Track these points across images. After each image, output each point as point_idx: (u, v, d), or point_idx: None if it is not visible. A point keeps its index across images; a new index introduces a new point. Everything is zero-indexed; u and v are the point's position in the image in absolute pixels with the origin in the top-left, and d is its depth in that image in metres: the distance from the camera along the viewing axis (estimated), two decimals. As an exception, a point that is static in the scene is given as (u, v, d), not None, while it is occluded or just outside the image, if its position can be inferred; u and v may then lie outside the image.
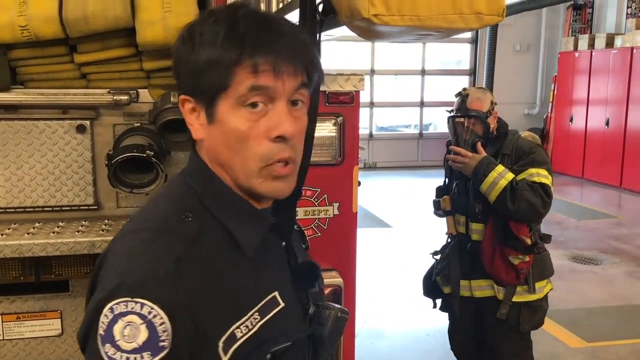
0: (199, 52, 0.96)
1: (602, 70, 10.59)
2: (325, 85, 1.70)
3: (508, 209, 2.73)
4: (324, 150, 1.71)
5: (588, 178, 10.95)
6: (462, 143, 2.91)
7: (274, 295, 1.02)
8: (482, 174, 2.78)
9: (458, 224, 3.04)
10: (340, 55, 12.66)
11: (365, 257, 6.39)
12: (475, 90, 3.00)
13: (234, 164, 0.99)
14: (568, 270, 6.05)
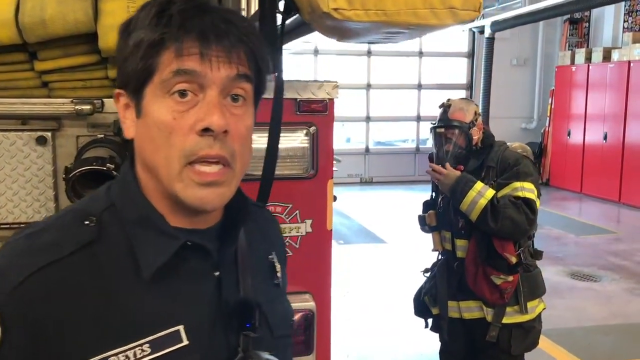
0: (130, 38, 0.86)
1: (599, 84, 10.52)
2: (297, 92, 1.59)
3: (490, 228, 2.61)
4: (294, 162, 1.59)
5: (586, 193, 10.83)
6: (443, 155, 2.79)
7: (176, 329, 0.86)
8: (460, 193, 2.66)
9: (444, 241, 2.92)
10: (336, 69, 12.61)
11: (358, 274, 6.26)
12: (459, 101, 2.89)
13: (158, 163, 0.86)
14: (566, 287, 5.91)
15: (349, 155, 12.58)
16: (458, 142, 2.78)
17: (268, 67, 0.92)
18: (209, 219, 0.92)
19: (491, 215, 2.59)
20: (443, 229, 2.90)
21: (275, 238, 1.12)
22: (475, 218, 2.64)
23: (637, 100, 9.69)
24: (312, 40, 11.80)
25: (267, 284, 1.02)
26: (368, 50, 12.20)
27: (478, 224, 2.64)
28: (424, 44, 12.56)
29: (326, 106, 1.61)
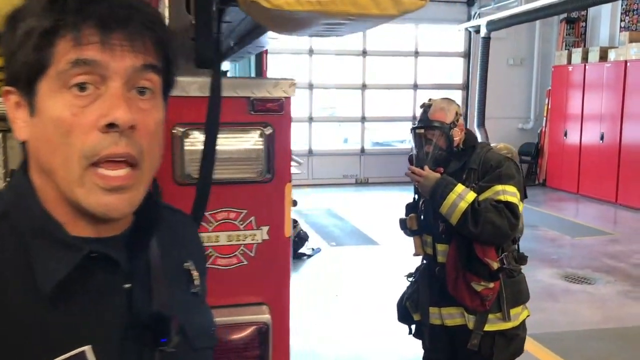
0: (18, 28, 0.77)
1: (596, 84, 10.43)
2: (250, 91, 1.49)
3: (471, 233, 2.52)
4: (248, 165, 1.49)
5: (583, 194, 10.73)
6: (423, 157, 2.69)
7: (82, 350, 0.77)
8: (440, 196, 2.56)
9: (425, 245, 2.81)
10: (332, 69, 12.52)
11: (349, 276, 6.16)
12: (440, 101, 2.78)
13: (55, 166, 0.77)
14: (560, 290, 5.81)
15: (344, 155, 12.51)
16: (438, 143, 2.68)
17: (176, 57, 0.83)
18: (116, 226, 0.83)
19: (472, 219, 2.50)
20: (424, 232, 2.80)
21: (193, 243, 1.02)
22: (455, 222, 2.54)
23: (633, 100, 9.59)
24: (307, 40, 11.72)
25: (183, 293, 0.93)
26: (363, 50, 12.12)
27: (458, 228, 2.55)
28: (419, 43, 12.47)
29: (282, 105, 1.51)
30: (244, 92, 1.46)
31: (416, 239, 2.84)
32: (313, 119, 12.32)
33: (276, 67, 11.83)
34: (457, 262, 2.61)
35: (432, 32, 12.74)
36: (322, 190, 11.38)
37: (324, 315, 5.12)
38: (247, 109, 1.47)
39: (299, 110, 12.39)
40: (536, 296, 5.61)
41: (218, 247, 1.48)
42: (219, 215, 1.47)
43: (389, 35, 12.48)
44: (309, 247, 7.02)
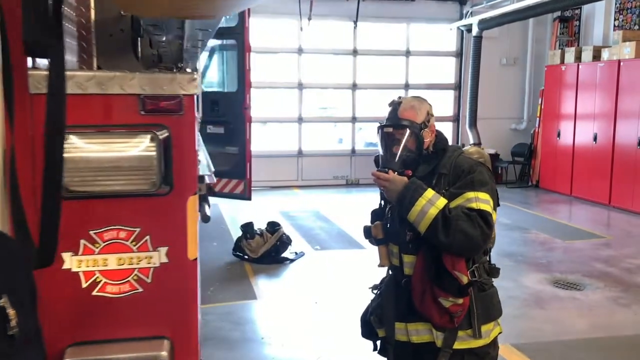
0: None
1: (589, 83, 10.22)
2: (140, 87, 1.27)
3: (441, 242, 2.31)
4: (138, 175, 1.26)
5: (576, 195, 10.53)
6: (389, 158, 2.47)
7: None
8: (409, 201, 2.35)
9: (392, 255, 2.58)
10: (321, 67, 12.30)
11: (331, 282, 5.93)
12: (411, 99, 2.57)
13: None
14: (547, 297, 5.61)
15: (334, 156, 12.29)
16: (407, 144, 2.46)
17: None
18: None
19: (442, 228, 2.29)
20: (390, 242, 2.58)
21: (9, 272, 0.81)
22: (424, 230, 2.33)
23: (627, 100, 9.39)
24: (296, 39, 11.50)
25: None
26: (354, 49, 11.90)
27: (427, 236, 2.34)
28: (411, 42, 12.25)
29: (181, 104, 1.29)
30: (132, 88, 1.24)
31: (381, 248, 2.61)
32: (303, 120, 12.09)
33: (266, 66, 11.63)
34: (425, 275, 2.41)
35: (424, 31, 12.52)
36: (311, 192, 11.17)
37: (299, 323, 4.91)
38: (137, 109, 1.25)
39: (289, 110, 12.18)
40: (523, 303, 5.44)
41: (107, 271, 1.26)
42: (106, 235, 1.24)
43: (381, 35, 12.28)
44: (292, 251, 6.81)
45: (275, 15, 11.09)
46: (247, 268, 6.38)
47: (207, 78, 8.91)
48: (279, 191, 11.32)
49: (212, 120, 7.40)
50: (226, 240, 7.28)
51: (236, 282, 5.95)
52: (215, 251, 7.01)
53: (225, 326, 4.79)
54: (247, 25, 7.09)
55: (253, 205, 9.47)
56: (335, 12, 11.49)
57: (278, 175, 11.69)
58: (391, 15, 11.86)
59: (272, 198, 10.58)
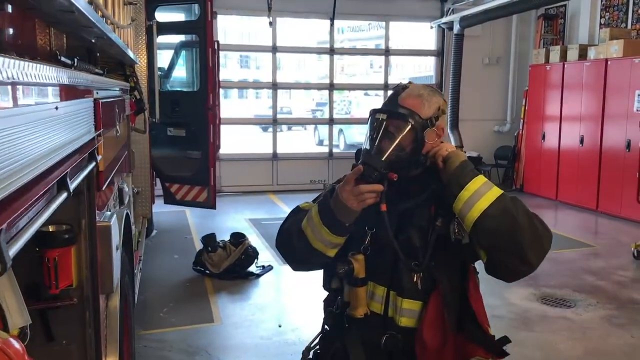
0: None
1: (575, 83, 9.80)
2: None
3: (513, 229, 1.73)
4: None
5: (562, 200, 10.10)
6: (374, 153, 1.83)
7: None
8: (463, 178, 1.79)
9: (372, 299, 1.93)
10: (297, 67, 11.81)
11: (297, 301, 5.31)
12: (421, 86, 1.96)
13: None
14: (536, 316, 5.11)
15: (311, 160, 11.77)
16: (402, 141, 1.84)
17: None
18: None
19: (514, 206, 1.77)
20: (373, 280, 1.92)
21: None
22: (482, 210, 1.74)
23: (614, 101, 8.97)
24: (270, 37, 10.95)
25: None
26: (330, 47, 11.37)
27: (485, 224, 1.73)
28: (390, 40, 11.75)
29: None
30: None
31: (361, 291, 1.90)
32: (277, 121, 11.54)
33: (238, 65, 11.09)
34: (442, 324, 1.82)
35: (404, 29, 12.04)
36: (285, 198, 10.62)
37: (258, 351, 4.35)
38: None
39: (263, 109, 11.65)
40: (509, 324, 4.92)
41: None
42: None
43: (359, 33, 11.81)
44: (258, 265, 6.25)
45: (246, 11, 10.54)
46: (208, 285, 5.80)
47: (172, 77, 8.35)
48: (251, 197, 10.75)
49: (172, 122, 6.82)
50: (189, 252, 6.69)
51: (193, 301, 5.38)
52: (175, 265, 6.43)
53: (173, 357, 4.21)
54: (210, 20, 6.53)
55: (223, 213, 8.91)
56: (312, 9, 10.98)
57: (251, 180, 11.13)
58: (369, 12, 11.37)
59: (243, 205, 10.01)
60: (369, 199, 1.80)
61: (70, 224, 2.14)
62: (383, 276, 1.91)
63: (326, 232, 1.86)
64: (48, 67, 1.39)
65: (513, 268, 1.81)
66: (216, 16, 10.39)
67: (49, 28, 2.49)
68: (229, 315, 5.05)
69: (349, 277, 1.88)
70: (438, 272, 1.86)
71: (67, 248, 2.11)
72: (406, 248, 1.85)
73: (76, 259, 2.18)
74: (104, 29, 2.20)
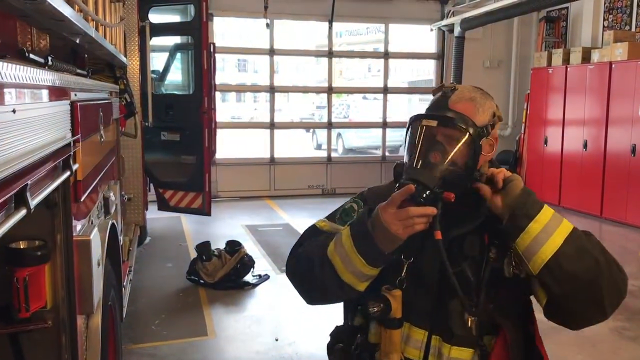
0: None
1: (579, 87, 9.62)
2: None
3: (593, 274, 1.48)
4: None
5: (565, 206, 9.91)
6: (423, 167, 1.53)
7: None
8: (531, 207, 1.49)
9: (409, 344, 1.63)
10: (296, 70, 11.62)
11: (295, 314, 5.09)
12: (472, 88, 1.66)
13: None
14: (543, 327, 4.87)
15: (310, 164, 11.57)
16: (458, 153, 1.55)
17: None
18: None
19: (592, 246, 1.53)
20: (412, 322, 1.64)
21: None
22: (556, 249, 1.47)
23: (619, 104, 8.79)
24: (267, 40, 10.77)
25: None
26: (329, 50, 11.19)
27: (558, 267, 1.47)
28: (390, 44, 11.57)
29: None
30: None
31: (396, 334, 1.59)
32: (275, 125, 11.34)
33: (236, 68, 10.89)
34: None
35: (404, 32, 11.87)
36: (283, 203, 10.42)
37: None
38: None
39: (261, 114, 11.46)
40: (515, 337, 4.74)
41: None
42: None
43: (357, 37, 11.63)
44: (254, 274, 6.04)
45: (243, 13, 10.36)
46: (202, 295, 5.59)
47: (167, 80, 8.15)
48: (248, 203, 10.54)
49: (166, 126, 6.62)
50: (183, 260, 6.47)
51: (187, 313, 5.16)
52: (169, 274, 6.22)
53: (165, 374, 4.01)
54: (205, 21, 6.33)
55: (219, 219, 8.71)
56: (310, 11, 10.80)
57: (248, 185, 10.92)
58: (369, 14, 11.20)
59: (240, 210, 9.80)
60: (419, 224, 1.48)
61: (44, 239, 1.95)
62: (423, 317, 1.63)
63: (361, 263, 1.54)
64: (2, 64, 1.19)
65: (584, 317, 1.57)
66: (212, 18, 10.21)
67: (30, 27, 2.30)
68: (223, 328, 4.84)
69: (384, 317, 1.58)
70: (500, 316, 1.62)
71: (39, 266, 1.92)
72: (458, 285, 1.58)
73: (51, 277, 1.98)
74: (80, 24, 2.00)
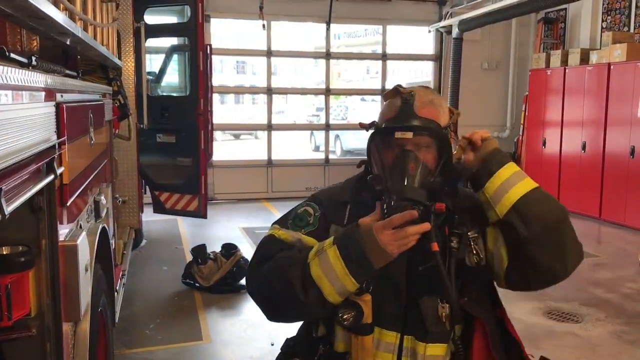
0: None
1: (577, 88, 9.58)
2: None
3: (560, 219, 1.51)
4: None
5: (564, 208, 9.85)
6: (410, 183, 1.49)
7: None
8: (502, 157, 1.56)
9: (378, 348, 1.60)
10: (294, 72, 11.57)
11: None
12: (425, 90, 1.64)
13: None
14: (542, 332, 4.86)
15: (307, 166, 11.51)
16: (436, 161, 1.56)
17: None
18: None
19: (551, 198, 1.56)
20: (383, 326, 1.60)
21: None
22: (519, 196, 1.49)
23: (618, 106, 8.75)
24: (264, 41, 10.71)
25: None
26: (327, 52, 11.13)
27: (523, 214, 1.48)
28: (388, 45, 11.52)
29: None
30: None
31: (368, 340, 1.56)
32: (272, 127, 11.28)
33: (233, 69, 10.84)
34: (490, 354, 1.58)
35: (401, 34, 11.82)
36: (280, 205, 10.34)
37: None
38: None
39: (259, 116, 11.41)
40: (514, 341, 4.69)
41: None
42: None
43: (355, 39, 11.58)
44: (251, 277, 5.97)
45: (240, 14, 10.31)
46: (197, 299, 5.53)
47: (164, 82, 8.09)
48: (245, 205, 10.48)
49: (162, 128, 6.55)
50: (179, 263, 6.40)
51: (182, 317, 5.10)
52: (164, 277, 6.16)
53: (158, 380, 3.95)
54: (201, 22, 6.28)
55: (216, 222, 8.65)
56: (308, 13, 10.75)
57: (245, 187, 10.86)
58: (366, 16, 11.15)
59: (237, 213, 9.74)
60: (413, 241, 1.46)
61: (28, 244, 1.89)
62: (393, 319, 1.59)
63: (352, 283, 1.49)
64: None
65: (547, 269, 1.54)
66: (209, 19, 10.16)
67: (20, 28, 2.25)
68: (218, 332, 4.78)
69: (358, 324, 1.54)
70: (474, 307, 1.58)
71: (23, 273, 1.86)
72: (424, 281, 1.56)
73: (35, 284, 1.92)
74: (65, 23, 1.95)
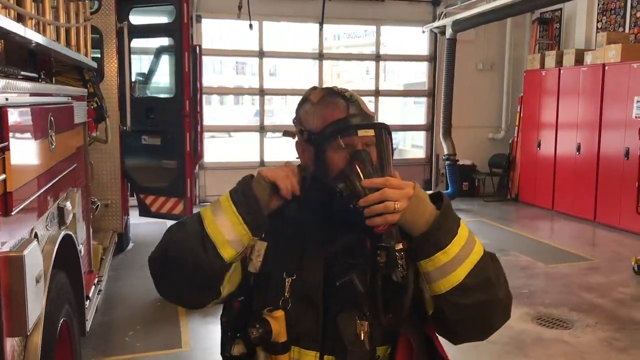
0: None
1: (572, 89, 9.47)
2: None
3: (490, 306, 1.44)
4: None
5: (559, 210, 9.75)
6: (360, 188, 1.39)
7: None
8: (445, 234, 1.38)
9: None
10: (289, 72, 11.46)
11: None
12: (347, 90, 1.59)
13: None
14: (531, 339, 4.75)
15: (300, 168, 11.39)
16: (373, 157, 1.50)
17: None
18: None
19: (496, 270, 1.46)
20: (299, 344, 1.50)
21: None
22: (468, 271, 1.38)
23: (612, 107, 8.63)
24: (256, 41, 10.61)
25: None
26: (320, 53, 11.03)
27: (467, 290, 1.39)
28: (381, 46, 11.41)
29: None
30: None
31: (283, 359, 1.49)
32: (265, 128, 11.17)
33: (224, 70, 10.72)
34: None
35: (395, 34, 11.71)
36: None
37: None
38: None
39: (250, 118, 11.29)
40: (503, 349, 4.54)
41: None
42: None
43: (355, 39, 11.47)
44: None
45: (232, 15, 10.19)
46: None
47: (153, 83, 7.99)
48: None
49: (147, 130, 6.45)
50: (164, 267, 6.30)
51: (163, 324, 4.99)
52: (148, 282, 5.99)
53: (132, 390, 3.84)
54: (186, 22, 6.17)
55: (204, 224, 8.53)
56: (300, 13, 10.65)
57: (237, 190, 10.73)
58: (359, 16, 11.04)
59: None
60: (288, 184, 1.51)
61: (-35, 256, 1.79)
62: (312, 338, 1.49)
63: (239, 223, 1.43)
64: None
65: (465, 339, 1.53)
66: (200, 20, 10.06)
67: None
68: (198, 340, 4.68)
69: (266, 342, 1.45)
70: (399, 323, 1.44)
71: (-43, 287, 1.76)
72: (341, 297, 1.46)
73: (-28, 298, 1.82)
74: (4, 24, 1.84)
